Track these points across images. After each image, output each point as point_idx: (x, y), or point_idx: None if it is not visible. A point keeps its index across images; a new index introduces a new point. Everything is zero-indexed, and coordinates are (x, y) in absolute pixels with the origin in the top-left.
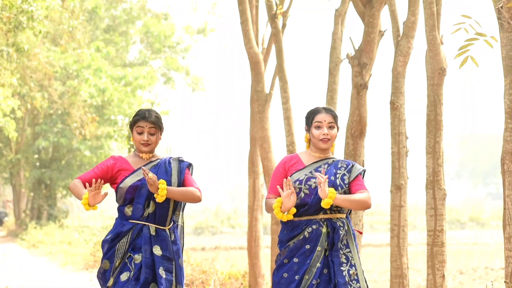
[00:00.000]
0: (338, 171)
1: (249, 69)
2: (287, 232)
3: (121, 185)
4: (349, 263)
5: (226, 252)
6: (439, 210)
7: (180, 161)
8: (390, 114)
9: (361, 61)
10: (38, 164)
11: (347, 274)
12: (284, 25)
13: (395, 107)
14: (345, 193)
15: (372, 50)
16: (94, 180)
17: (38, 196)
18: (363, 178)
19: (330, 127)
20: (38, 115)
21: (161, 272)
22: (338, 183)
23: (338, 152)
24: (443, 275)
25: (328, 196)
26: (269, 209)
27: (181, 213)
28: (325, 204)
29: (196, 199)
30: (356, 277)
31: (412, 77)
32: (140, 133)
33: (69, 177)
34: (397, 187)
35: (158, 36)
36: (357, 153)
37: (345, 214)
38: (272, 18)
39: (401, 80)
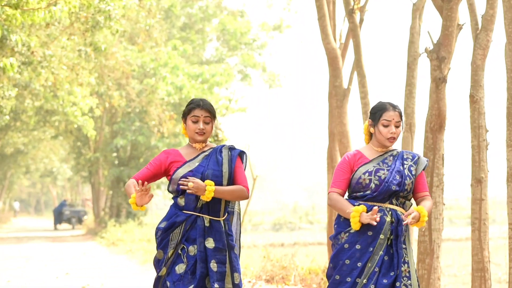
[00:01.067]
0: (405, 162)
1: (327, 64)
2: None
3: (173, 176)
4: (403, 259)
5: (305, 247)
6: None
7: (230, 149)
8: (470, 107)
9: (440, 54)
10: (116, 162)
11: (400, 270)
12: (361, 20)
13: (475, 101)
14: (412, 183)
15: (451, 44)
16: (140, 182)
17: (117, 194)
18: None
19: (397, 126)
20: (116, 114)
21: (213, 265)
22: (406, 174)
23: (417, 146)
24: None
25: (421, 220)
26: (335, 205)
27: (236, 201)
28: (421, 222)
29: (244, 198)
30: (408, 274)
31: (491, 70)
32: (195, 122)
33: None
34: (478, 181)
35: (234, 33)
36: (436, 147)
37: (405, 211)
38: (350, 13)
39: (480, 73)
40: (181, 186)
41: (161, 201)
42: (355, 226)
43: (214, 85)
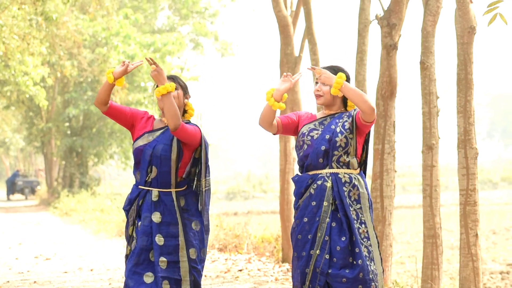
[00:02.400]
0: (340, 120)
1: (278, 32)
2: (296, 188)
3: (133, 145)
4: (359, 220)
5: (259, 216)
6: (471, 169)
7: (186, 123)
8: (421, 74)
9: (390, 21)
10: (69, 132)
11: (358, 232)
12: None
13: (425, 67)
14: (346, 139)
15: (401, 10)
16: (123, 61)
17: (69, 164)
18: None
19: (323, 83)
20: (68, 83)
21: (158, 239)
22: (338, 131)
23: None
24: (476, 234)
25: (336, 79)
26: (264, 111)
27: (203, 178)
28: (336, 84)
29: (175, 122)
30: (366, 235)
31: (441, 36)
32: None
33: (100, 144)
34: (429, 147)
35: (185, 2)
36: (387, 114)
37: (356, 170)
38: None
39: (431, 40)
40: (150, 63)
41: (114, 171)
42: (271, 102)
43: (166, 54)
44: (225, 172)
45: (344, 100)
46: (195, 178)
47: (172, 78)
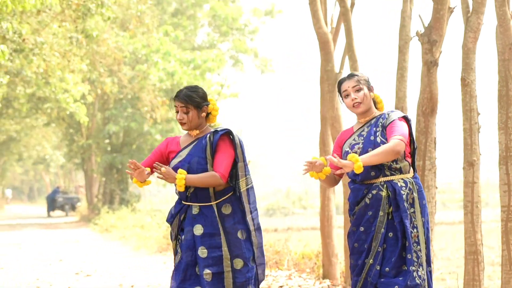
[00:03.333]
0: (377, 129)
1: (319, 49)
2: (352, 195)
3: (170, 165)
4: (411, 224)
5: (299, 232)
6: None
7: (214, 133)
8: (461, 90)
9: (431, 38)
10: (109, 149)
11: (410, 238)
12: (352, 4)
13: (466, 84)
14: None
15: (442, 27)
16: (130, 161)
17: (110, 181)
18: (406, 122)
19: (357, 90)
20: (108, 100)
21: (201, 252)
22: (379, 141)
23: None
24: None
25: (353, 160)
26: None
27: (242, 178)
28: (357, 169)
29: (216, 184)
30: (417, 239)
31: (482, 53)
32: (177, 112)
33: (140, 161)
34: (470, 164)
35: (225, 18)
36: (428, 131)
37: (410, 173)
38: None
39: (472, 56)
40: (155, 171)
41: (154, 188)
42: (315, 176)
43: (206, 71)
44: (265, 188)
45: (373, 101)
46: (236, 183)
47: (182, 98)
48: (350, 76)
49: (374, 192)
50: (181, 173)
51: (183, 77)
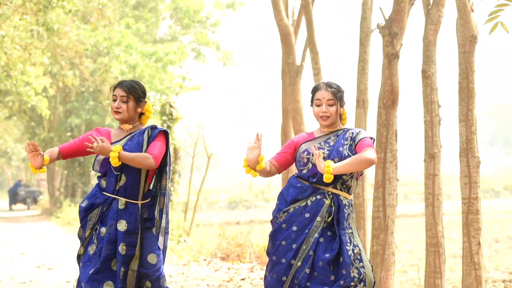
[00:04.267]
0: (345, 142)
1: (280, 41)
2: (294, 192)
3: (97, 158)
4: (351, 243)
5: (261, 225)
6: (473, 178)
7: (152, 128)
8: (422, 83)
9: (392, 30)
10: None
11: (352, 254)
12: None
13: (427, 76)
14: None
15: (403, 19)
16: (27, 143)
17: (71, 174)
18: (372, 142)
19: (330, 105)
20: (70, 93)
21: (121, 248)
22: (346, 154)
23: (371, 122)
24: (479, 243)
25: (325, 171)
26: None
27: (167, 181)
28: (326, 178)
29: (148, 165)
30: (359, 257)
31: (443, 45)
32: (114, 100)
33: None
34: (431, 156)
35: (187, 11)
36: (389, 123)
37: (350, 196)
38: None
39: (432, 49)
40: (87, 145)
41: None
42: (247, 171)
43: (168, 64)
44: (227, 181)
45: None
46: (156, 182)
47: (125, 87)
48: (328, 87)
49: (318, 197)
50: (116, 150)
51: (145, 70)
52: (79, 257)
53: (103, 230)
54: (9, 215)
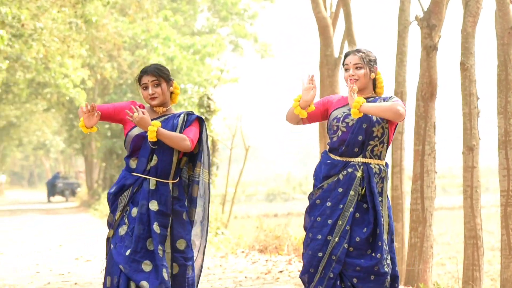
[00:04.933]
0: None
1: (318, 33)
2: (325, 169)
3: (129, 133)
4: (381, 214)
5: (299, 217)
6: None
7: (188, 114)
8: (461, 75)
9: (430, 22)
10: (109, 134)
11: (382, 226)
12: None
13: (465, 68)
14: (383, 129)
15: (441, 11)
16: (86, 104)
17: (110, 166)
18: (403, 106)
19: (357, 68)
20: (108, 85)
21: (155, 227)
22: (374, 119)
23: (409, 114)
24: None
25: (354, 105)
26: (289, 111)
27: (201, 169)
28: (354, 114)
29: (183, 147)
30: (387, 228)
31: (481, 37)
32: (145, 88)
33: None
34: (469, 148)
35: (225, 3)
36: (428, 115)
37: (384, 161)
38: None
39: (471, 41)
40: (127, 113)
41: None
42: (298, 111)
43: (206, 56)
44: (265, 173)
45: (374, 82)
46: (199, 169)
47: (153, 71)
48: (356, 51)
49: (349, 170)
50: (155, 124)
51: (183, 62)
52: (108, 240)
53: (135, 210)
54: (48, 207)
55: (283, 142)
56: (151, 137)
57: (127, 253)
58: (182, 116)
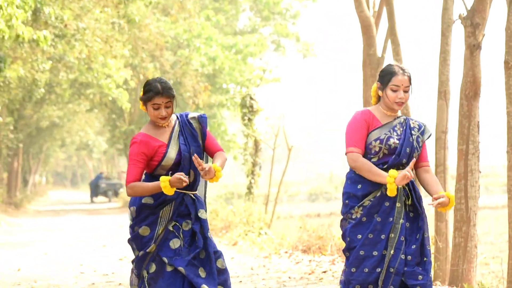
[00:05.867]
0: (413, 132)
1: (361, 33)
2: (363, 187)
3: (163, 162)
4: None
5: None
6: None
7: (199, 119)
8: (505, 73)
9: (474, 21)
10: None
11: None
12: None
13: (510, 67)
14: (418, 155)
15: (485, 10)
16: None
17: None
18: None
19: (406, 91)
20: None
21: (209, 234)
22: (415, 146)
23: (452, 114)
24: None
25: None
26: (362, 168)
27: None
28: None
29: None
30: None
31: None
32: (157, 109)
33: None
34: None
35: (267, 3)
36: (471, 114)
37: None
38: None
39: None
40: (197, 165)
41: None
42: (392, 192)
43: (248, 56)
44: (307, 173)
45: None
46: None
47: (169, 93)
48: (405, 72)
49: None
50: (218, 169)
51: (225, 62)
52: (146, 255)
53: (185, 224)
54: (91, 208)
55: (325, 142)
56: (218, 178)
57: (188, 258)
58: (194, 123)
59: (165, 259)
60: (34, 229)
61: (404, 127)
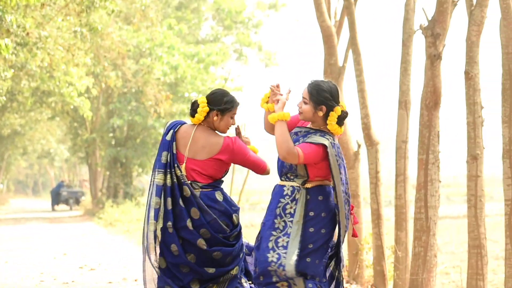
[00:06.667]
0: (301, 139)
1: (322, 42)
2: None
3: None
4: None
5: None
6: None
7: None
8: (465, 84)
9: (435, 31)
10: (113, 142)
11: None
12: None
13: (470, 77)
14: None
15: (446, 20)
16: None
17: (114, 174)
18: (311, 148)
19: (304, 103)
20: (113, 94)
21: None
22: None
23: (413, 123)
24: None
25: (272, 116)
26: (264, 119)
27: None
28: (270, 118)
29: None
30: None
31: (486, 46)
32: (232, 118)
33: (144, 155)
34: (473, 157)
35: (229, 12)
36: (432, 124)
37: (300, 182)
38: None
39: (475, 50)
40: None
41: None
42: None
43: (210, 65)
44: (267, 183)
45: (326, 116)
46: None
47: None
48: (310, 85)
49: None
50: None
51: (187, 70)
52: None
53: None
54: (52, 216)
55: None
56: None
57: None
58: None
59: None
60: None
61: (301, 136)
